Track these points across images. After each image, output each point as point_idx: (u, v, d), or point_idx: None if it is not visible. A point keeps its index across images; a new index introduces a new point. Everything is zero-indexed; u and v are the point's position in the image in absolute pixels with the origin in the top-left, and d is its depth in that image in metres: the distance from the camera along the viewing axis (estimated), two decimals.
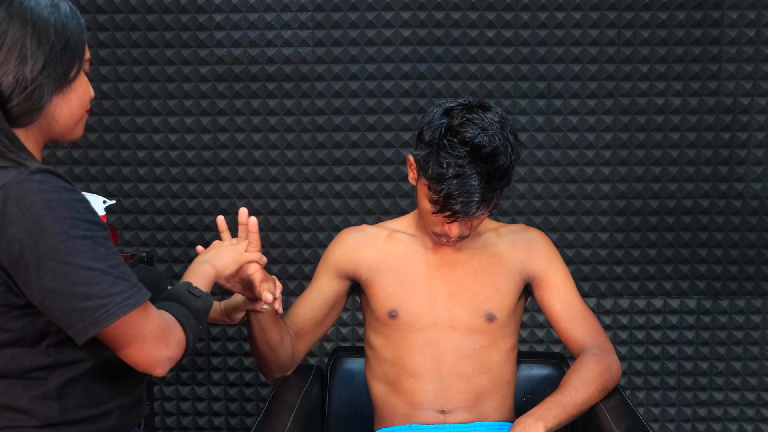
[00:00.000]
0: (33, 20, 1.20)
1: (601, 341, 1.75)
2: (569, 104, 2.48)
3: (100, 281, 1.16)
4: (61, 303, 1.16)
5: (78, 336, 1.18)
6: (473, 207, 1.56)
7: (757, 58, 2.45)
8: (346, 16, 2.44)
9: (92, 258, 1.16)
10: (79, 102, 1.28)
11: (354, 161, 2.51)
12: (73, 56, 1.24)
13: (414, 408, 1.72)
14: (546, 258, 1.79)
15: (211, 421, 2.65)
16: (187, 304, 1.31)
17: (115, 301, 1.17)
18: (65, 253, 1.14)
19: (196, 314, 1.31)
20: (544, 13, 2.44)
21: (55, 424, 1.26)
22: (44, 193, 1.15)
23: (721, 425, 2.61)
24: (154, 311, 1.24)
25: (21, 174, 1.15)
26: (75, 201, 1.17)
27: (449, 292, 1.74)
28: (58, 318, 1.18)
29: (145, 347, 1.21)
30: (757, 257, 2.54)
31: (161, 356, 1.23)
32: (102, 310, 1.16)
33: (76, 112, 1.28)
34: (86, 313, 1.16)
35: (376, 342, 1.78)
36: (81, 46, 1.26)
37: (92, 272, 1.16)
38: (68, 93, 1.25)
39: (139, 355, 1.22)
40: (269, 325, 1.72)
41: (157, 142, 2.51)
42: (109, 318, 1.17)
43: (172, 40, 2.46)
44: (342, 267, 1.80)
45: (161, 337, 1.23)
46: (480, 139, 1.55)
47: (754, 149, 2.50)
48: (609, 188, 2.52)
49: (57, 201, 1.15)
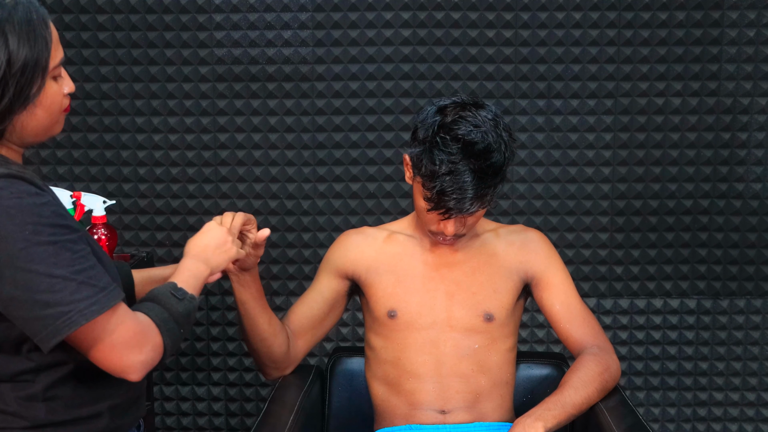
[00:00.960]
0: None
1: (600, 341, 1.75)
2: (569, 104, 2.48)
3: (62, 288, 1.14)
4: (22, 311, 1.14)
5: (42, 343, 1.16)
6: (467, 203, 1.57)
7: (757, 58, 2.45)
8: (346, 17, 2.44)
9: (54, 264, 1.13)
10: (46, 113, 1.24)
11: (354, 161, 2.51)
12: (31, 76, 1.18)
13: (414, 408, 1.72)
14: (545, 258, 1.79)
15: (211, 421, 2.65)
16: (168, 306, 1.28)
17: (77, 308, 1.14)
18: (25, 261, 1.12)
19: (176, 318, 1.28)
20: (544, 14, 2.43)
21: (44, 425, 1.25)
22: (3, 200, 1.13)
23: (721, 425, 2.61)
24: (127, 314, 1.21)
25: None
26: (39, 205, 1.15)
27: (448, 292, 1.74)
28: (22, 325, 1.16)
29: (116, 351, 1.18)
30: (757, 257, 2.54)
31: (134, 360, 1.20)
32: (64, 317, 1.14)
33: (46, 123, 1.25)
34: (48, 321, 1.14)
35: (376, 343, 1.79)
36: (41, 62, 1.19)
37: (54, 279, 1.13)
38: (32, 108, 1.21)
39: (110, 360, 1.19)
40: (257, 311, 1.72)
41: (157, 142, 2.51)
42: (71, 325, 1.14)
43: (172, 41, 2.46)
44: (341, 267, 1.81)
45: (134, 341, 1.20)
46: (472, 135, 1.56)
47: (754, 149, 2.50)
48: (609, 188, 2.52)
49: (17, 207, 1.13)
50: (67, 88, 1.27)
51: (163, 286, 1.33)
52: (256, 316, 1.73)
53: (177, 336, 1.28)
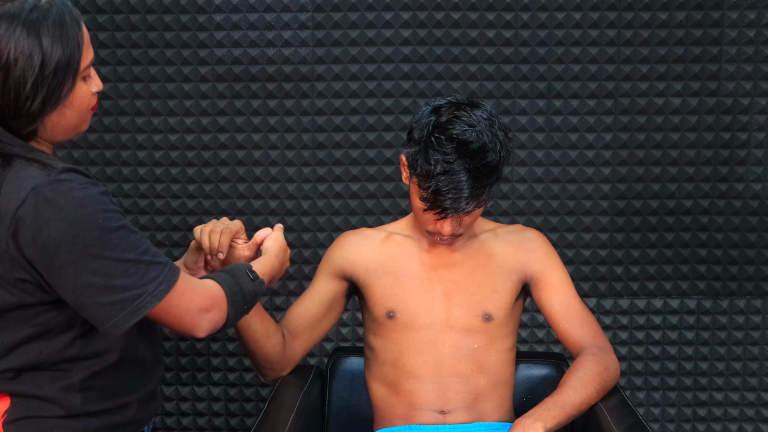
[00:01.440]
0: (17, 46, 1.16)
1: (599, 341, 1.75)
2: (569, 104, 2.48)
3: (136, 271, 1.20)
4: (99, 297, 1.19)
5: (115, 329, 1.21)
6: (463, 203, 1.58)
7: (757, 58, 2.45)
8: (346, 17, 2.44)
9: (126, 249, 1.20)
10: (75, 113, 1.27)
11: (354, 161, 2.51)
12: (63, 77, 1.21)
13: (414, 409, 1.73)
14: (544, 258, 1.79)
15: (211, 421, 2.65)
16: (240, 281, 1.36)
17: (149, 290, 1.21)
18: (102, 248, 1.17)
19: (244, 293, 1.36)
20: (544, 14, 2.43)
21: (77, 414, 1.30)
22: (74, 192, 1.17)
23: (721, 425, 2.61)
24: (190, 282, 1.28)
25: (49, 175, 1.17)
26: (101, 194, 1.20)
27: (446, 292, 1.74)
28: (94, 312, 1.21)
29: (187, 315, 1.27)
30: (757, 257, 2.54)
31: (201, 320, 1.28)
32: (139, 299, 1.20)
33: (74, 121, 1.28)
34: (125, 304, 1.20)
35: (376, 343, 1.79)
36: (73, 64, 1.22)
37: (127, 264, 1.19)
38: (62, 109, 1.24)
39: (180, 323, 1.27)
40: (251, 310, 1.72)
41: (157, 143, 2.51)
42: (146, 306, 1.21)
43: (172, 41, 2.46)
44: (338, 268, 1.81)
45: (202, 304, 1.28)
46: (467, 135, 1.57)
47: (754, 149, 2.50)
48: (609, 188, 2.52)
49: (88, 198, 1.17)
50: (96, 87, 1.29)
51: (241, 264, 1.42)
52: (250, 317, 1.72)
53: (240, 309, 1.35)
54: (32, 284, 1.21)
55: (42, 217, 1.15)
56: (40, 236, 1.16)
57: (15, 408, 1.29)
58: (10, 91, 1.17)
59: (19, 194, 1.16)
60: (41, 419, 1.29)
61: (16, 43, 1.16)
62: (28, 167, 1.18)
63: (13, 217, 1.16)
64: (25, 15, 1.17)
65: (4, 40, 1.16)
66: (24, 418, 1.29)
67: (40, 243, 1.16)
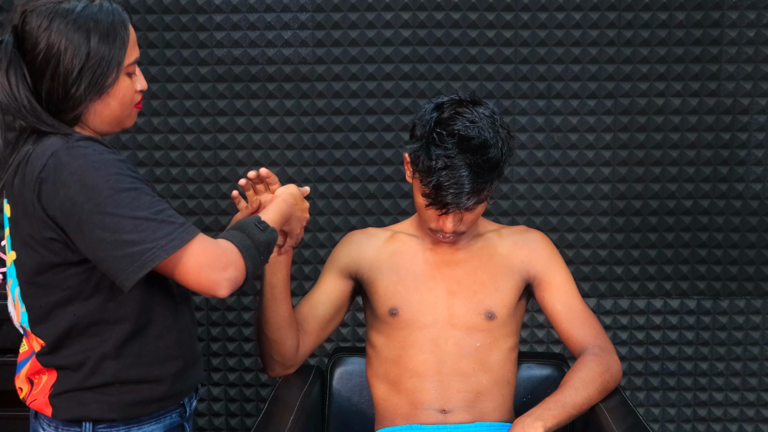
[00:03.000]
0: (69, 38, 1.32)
1: (601, 342, 1.75)
2: (569, 105, 2.49)
3: (145, 228, 1.27)
4: (110, 251, 1.27)
5: (126, 281, 1.28)
6: (464, 198, 1.59)
7: (757, 58, 2.45)
8: (346, 17, 2.44)
9: (137, 208, 1.27)
10: (119, 104, 1.39)
11: (354, 162, 2.52)
12: (107, 68, 1.34)
13: (415, 408, 1.73)
14: (547, 259, 1.79)
15: (211, 421, 2.65)
16: (251, 234, 1.40)
17: (159, 245, 1.27)
18: (112, 206, 1.26)
19: (257, 245, 1.40)
20: (544, 14, 2.44)
21: (110, 383, 1.39)
22: (89, 156, 1.28)
23: (721, 426, 2.61)
24: (207, 241, 1.33)
25: (68, 141, 1.29)
26: (117, 161, 1.30)
27: (449, 291, 1.75)
28: (108, 266, 1.29)
29: (203, 272, 1.31)
30: (757, 258, 2.54)
31: (219, 278, 1.32)
32: (148, 253, 1.27)
33: (118, 113, 1.40)
34: (135, 257, 1.27)
35: (378, 341, 1.79)
36: (117, 59, 1.35)
37: (137, 221, 1.27)
38: (106, 98, 1.37)
39: (198, 280, 1.32)
40: (282, 297, 1.74)
41: (157, 143, 2.51)
42: (154, 259, 1.27)
43: (172, 41, 2.46)
44: (344, 267, 1.82)
45: (217, 262, 1.32)
46: (469, 131, 1.59)
47: (754, 150, 2.50)
48: (609, 189, 2.52)
49: (101, 162, 1.28)
50: (140, 86, 1.42)
51: (249, 217, 1.46)
52: (280, 302, 1.74)
53: (257, 261, 1.39)
54: (59, 242, 1.31)
55: (60, 179, 1.27)
56: (58, 196, 1.27)
57: (60, 381, 1.40)
58: (60, 76, 1.32)
59: (41, 160, 1.29)
60: (81, 392, 1.38)
61: (67, 36, 1.31)
62: (53, 138, 1.31)
63: (36, 180, 1.28)
64: (78, 12, 1.32)
65: (57, 33, 1.31)
66: (67, 392, 1.39)
67: (59, 202, 1.27)
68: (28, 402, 1.45)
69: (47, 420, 1.43)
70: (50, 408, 1.40)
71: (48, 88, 1.33)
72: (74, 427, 1.40)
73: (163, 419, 1.47)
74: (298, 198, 1.60)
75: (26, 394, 1.45)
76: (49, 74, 1.32)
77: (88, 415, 1.39)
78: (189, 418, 1.54)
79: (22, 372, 1.46)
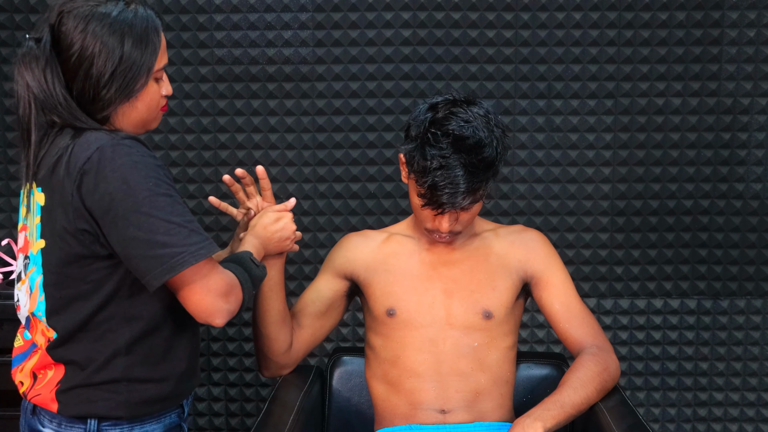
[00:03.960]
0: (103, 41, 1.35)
1: (599, 341, 1.75)
2: (569, 104, 2.48)
3: (178, 233, 1.31)
4: (141, 250, 1.31)
5: (154, 280, 1.32)
6: (459, 197, 1.59)
7: (758, 58, 2.45)
8: (346, 17, 2.44)
9: (171, 213, 1.32)
10: (145, 107, 1.42)
11: (354, 161, 2.52)
12: (137, 73, 1.37)
13: (414, 408, 1.73)
14: (544, 258, 1.79)
15: (211, 421, 2.65)
16: (248, 269, 1.47)
17: (189, 251, 1.32)
18: (149, 207, 1.30)
19: (253, 280, 1.48)
20: (545, 14, 2.44)
21: (118, 380, 1.40)
22: (133, 156, 1.32)
23: (721, 425, 2.61)
24: (220, 267, 1.39)
25: (114, 138, 1.33)
26: (157, 166, 1.34)
27: (446, 290, 1.75)
28: (137, 264, 1.32)
29: (209, 297, 1.36)
30: (757, 257, 2.54)
31: (221, 307, 1.37)
32: (178, 257, 1.31)
33: (145, 116, 1.44)
34: (164, 259, 1.31)
35: (376, 342, 1.79)
36: (147, 65, 1.38)
37: (171, 224, 1.31)
38: (134, 102, 1.40)
39: (203, 303, 1.36)
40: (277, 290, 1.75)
41: (157, 143, 2.51)
42: (183, 263, 1.31)
43: (173, 41, 2.46)
44: (339, 267, 1.83)
45: (223, 290, 1.37)
46: (463, 130, 1.59)
47: (754, 149, 2.50)
48: (609, 188, 2.52)
49: (143, 163, 1.32)
50: (165, 91, 1.45)
51: (242, 252, 1.53)
52: (274, 296, 1.75)
53: (250, 296, 1.46)
54: (90, 234, 1.33)
55: (102, 173, 1.30)
56: (98, 189, 1.30)
57: (68, 377, 1.41)
58: (92, 78, 1.35)
59: (87, 152, 1.31)
60: (89, 388, 1.40)
61: (102, 39, 1.34)
62: (97, 133, 1.35)
63: (79, 171, 1.31)
64: (114, 17, 1.36)
65: (92, 36, 1.34)
66: (75, 388, 1.40)
67: (98, 195, 1.30)
68: (29, 396, 1.45)
69: (49, 416, 1.43)
70: (56, 404, 1.41)
71: (80, 88, 1.36)
72: (78, 424, 1.41)
73: (163, 419, 1.48)
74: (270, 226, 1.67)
75: (27, 388, 1.45)
76: (82, 75, 1.35)
77: (95, 412, 1.41)
78: (186, 419, 1.55)
79: (26, 366, 1.46)
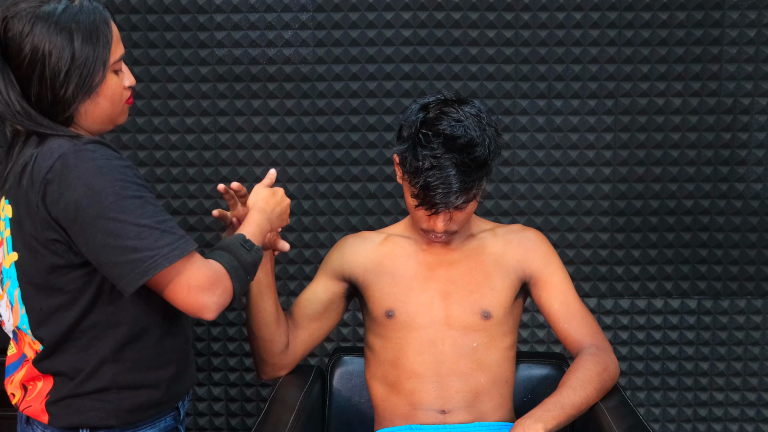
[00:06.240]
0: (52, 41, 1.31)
1: (599, 341, 1.75)
2: (570, 104, 2.48)
3: (149, 235, 1.28)
4: (112, 256, 1.28)
5: (128, 286, 1.29)
6: (452, 197, 1.59)
7: (758, 58, 2.45)
8: (346, 17, 2.45)
9: (141, 215, 1.28)
10: (109, 102, 1.39)
11: (355, 161, 2.52)
12: (93, 68, 1.34)
13: (414, 408, 1.73)
14: (543, 257, 1.79)
15: (211, 421, 2.65)
16: (237, 255, 1.41)
17: (161, 253, 1.28)
18: (117, 212, 1.27)
19: (244, 266, 1.41)
20: (545, 14, 2.44)
21: (107, 388, 1.39)
22: (97, 160, 1.29)
23: (721, 425, 2.61)
24: (201, 261, 1.35)
25: (76, 144, 1.30)
26: (124, 167, 1.31)
27: (444, 291, 1.75)
28: (110, 271, 1.30)
29: (192, 292, 1.32)
30: (757, 257, 2.54)
31: (208, 301, 1.34)
32: (150, 261, 1.28)
33: (109, 111, 1.40)
34: (136, 264, 1.28)
35: (375, 343, 1.79)
36: (102, 58, 1.35)
37: (141, 228, 1.28)
38: (95, 98, 1.37)
39: (187, 300, 1.33)
40: (268, 291, 1.74)
41: (157, 143, 2.52)
42: (156, 267, 1.28)
43: (173, 41, 2.46)
44: (337, 269, 1.83)
45: (207, 284, 1.33)
46: (454, 130, 1.59)
47: (754, 149, 2.49)
48: (610, 188, 2.52)
49: (108, 167, 1.29)
50: (128, 82, 1.42)
51: (233, 237, 1.46)
52: (265, 297, 1.74)
53: (244, 281, 1.41)
54: (62, 244, 1.31)
55: (66, 181, 1.28)
56: (63, 198, 1.28)
57: (57, 388, 1.39)
58: (47, 80, 1.32)
59: (49, 161, 1.29)
60: (78, 398, 1.38)
61: (50, 39, 1.31)
62: (60, 140, 1.32)
63: (42, 181, 1.29)
64: (59, 14, 1.32)
65: (40, 37, 1.31)
66: (64, 398, 1.38)
67: (63, 205, 1.28)
68: (22, 408, 1.43)
69: (42, 426, 1.41)
70: (47, 415, 1.39)
71: (37, 92, 1.33)
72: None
73: (158, 423, 1.47)
74: (270, 200, 1.60)
75: (19, 399, 1.44)
76: (36, 78, 1.32)
77: (86, 422, 1.39)
78: (183, 421, 1.54)
79: (15, 378, 1.45)
